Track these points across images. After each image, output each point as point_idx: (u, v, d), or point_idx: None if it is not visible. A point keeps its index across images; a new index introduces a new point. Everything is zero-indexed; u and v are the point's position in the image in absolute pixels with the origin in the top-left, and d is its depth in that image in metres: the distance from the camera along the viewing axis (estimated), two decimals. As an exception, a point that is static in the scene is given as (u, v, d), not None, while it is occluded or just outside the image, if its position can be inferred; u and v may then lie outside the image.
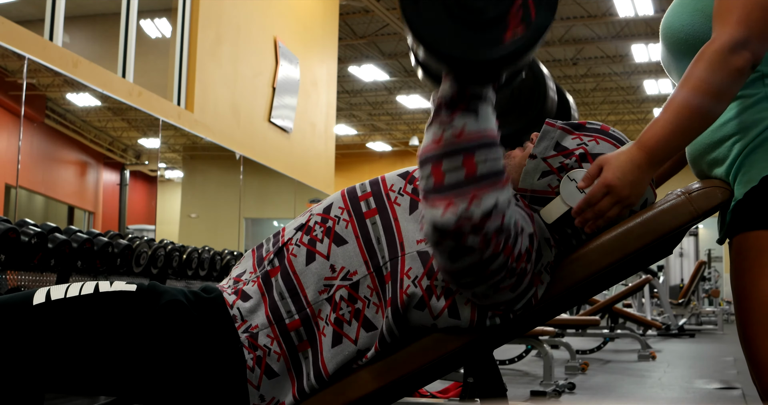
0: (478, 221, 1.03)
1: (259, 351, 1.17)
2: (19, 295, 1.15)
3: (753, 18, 1.12)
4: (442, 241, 1.06)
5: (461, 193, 1.03)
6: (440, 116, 1.06)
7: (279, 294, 1.20)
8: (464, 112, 1.05)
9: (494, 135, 1.07)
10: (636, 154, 1.13)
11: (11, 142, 5.58)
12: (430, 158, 1.06)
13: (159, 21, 8.15)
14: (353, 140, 18.86)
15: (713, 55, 1.12)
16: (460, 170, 1.04)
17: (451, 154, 1.04)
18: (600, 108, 16.58)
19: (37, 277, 3.47)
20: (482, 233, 1.04)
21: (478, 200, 1.03)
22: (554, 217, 1.22)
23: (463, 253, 1.06)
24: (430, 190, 1.06)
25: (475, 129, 1.04)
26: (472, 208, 1.03)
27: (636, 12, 10.91)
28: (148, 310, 1.15)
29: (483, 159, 1.04)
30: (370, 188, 1.26)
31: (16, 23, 4.69)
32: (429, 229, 1.06)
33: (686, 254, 11.78)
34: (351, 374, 1.20)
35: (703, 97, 1.12)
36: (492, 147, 1.06)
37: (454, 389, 3.15)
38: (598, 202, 1.13)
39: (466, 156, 1.04)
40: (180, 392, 1.16)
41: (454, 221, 1.03)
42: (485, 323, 1.17)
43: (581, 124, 1.29)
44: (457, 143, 1.04)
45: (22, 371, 1.10)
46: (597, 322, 5.35)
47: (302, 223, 1.25)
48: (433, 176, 1.05)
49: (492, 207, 1.04)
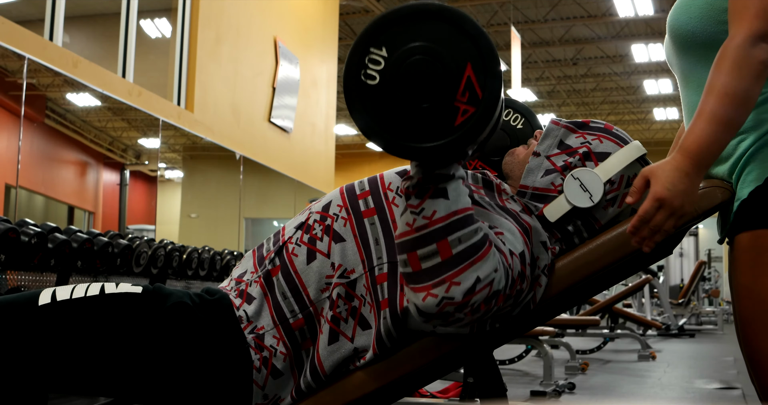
0: (461, 301, 1.03)
1: (265, 352, 1.17)
2: (25, 295, 1.15)
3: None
4: (430, 321, 1.08)
5: (439, 281, 1.03)
6: (410, 202, 1.06)
7: (281, 294, 1.20)
8: (433, 196, 1.05)
9: (467, 209, 1.06)
10: (681, 161, 1.11)
11: (11, 142, 5.58)
12: (405, 246, 1.06)
13: (159, 21, 8.15)
14: (353, 140, 18.86)
15: (735, 51, 1.12)
16: (435, 256, 1.04)
17: (424, 240, 1.04)
18: (600, 108, 16.57)
19: (37, 277, 3.46)
20: (469, 308, 1.05)
21: (457, 283, 1.03)
22: (558, 215, 1.23)
23: (454, 323, 1.08)
24: (409, 278, 1.07)
25: (444, 212, 1.04)
26: (452, 292, 1.03)
27: (636, 12, 10.91)
28: (154, 312, 1.15)
29: (457, 239, 1.04)
30: (369, 186, 1.26)
31: (16, 23, 4.69)
32: (414, 311, 1.07)
33: (686, 254, 11.78)
34: (350, 374, 1.20)
35: (735, 96, 1.11)
36: (466, 223, 1.05)
37: (454, 389, 3.15)
38: (653, 217, 1.10)
39: (440, 241, 1.03)
40: (186, 393, 1.16)
41: (435, 306, 1.04)
42: (485, 328, 1.17)
43: (585, 123, 1.30)
44: (429, 228, 1.04)
45: (27, 371, 1.10)
46: (597, 322, 5.35)
47: (302, 222, 1.25)
48: (410, 264, 1.06)
49: (473, 284, 1.03)
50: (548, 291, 1.20)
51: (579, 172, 1.23)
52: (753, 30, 1.12)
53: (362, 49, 1.01)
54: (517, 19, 11.67)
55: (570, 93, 15.75)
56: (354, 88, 1.02)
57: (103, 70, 5.50)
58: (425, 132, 1.00)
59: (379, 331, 1.17)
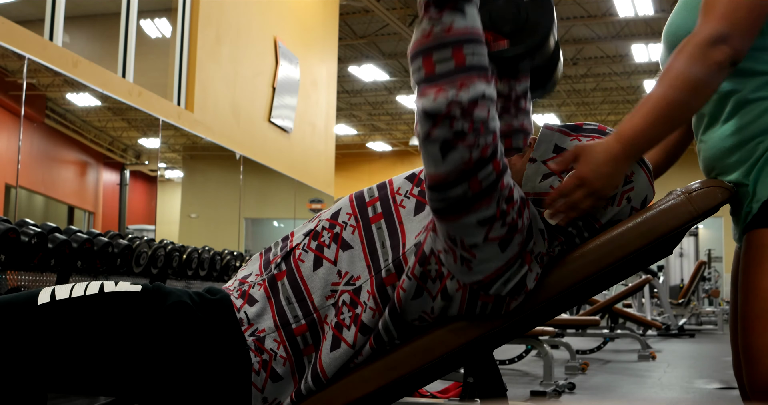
0: (467, 106, 1.05)
1: (265, 355, 1.17)
2: (24, 295, 1.15)
3: (737, 14, 1.13)
4: (433, 130, 1.07)
5: (451, 81, 1.06)
6: (429, 13, 1.08)
7: (286, 298, 1.20)
8: (452, 10, 1.08)
9: (480, 33, 1.10)
10: (613, 145, 1.13)
11: (11, 142, 5.58)
12: (421, 51, 1.09)
13: (159, 21, 8.15)
14: (353, 140, 18.86)
15: (693, 47, 1.13)
16: (449, 61, 1.07)
17: (441, 46, 1.07)
18: (600, 108, 16.57)
19: (37, 277, 3.47)
20: (471, 119, 1.06)
21: (466, 87, 1.06)
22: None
23: (453, 145, 1.06)
24: (421, 81, 1.09)
25: (462, 25, 1.07)
26: (462, 93, 1.06)
27: (636, 12, 10.91)
28: (154, 310, 1.15)
29: (471, 52, 1.07)
30: (378, 193, 1.26)
31: (16, 23, 4.68)
32: (420, 117, 1.08)
33: (686, 254, 11.78)
34: (349, 374, 1.20)
35: (682, 90, 1.13)
36: (479, 43, 1.09)
37: (454, 389, 3.15)
38: (571, 193, 1.13)
39: (456, 48, 1.07)
40: (184, 393, 1.16)
41: (444, 104, 1.05)
42: (475, 310, 1.17)
43: (578, 125, 1.30)
44: (446, 37, 1.07)
45: (27, 371, 1.10)
46: (597, 322, 5.35)
47: (311, 229, 1.26)
48: (425, 68, 1.08)
49: (480, 94, 1.06)
50: (548, 291, 1.20)
51: None
52: (715, 30, 1.12)
53: None
54: (517, 19, 11.66)
55: (570, 93, 15.75)
56: None
57: (103, 70, 5.50)
58: None
59: (378, 327, 1.18)
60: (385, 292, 1.18)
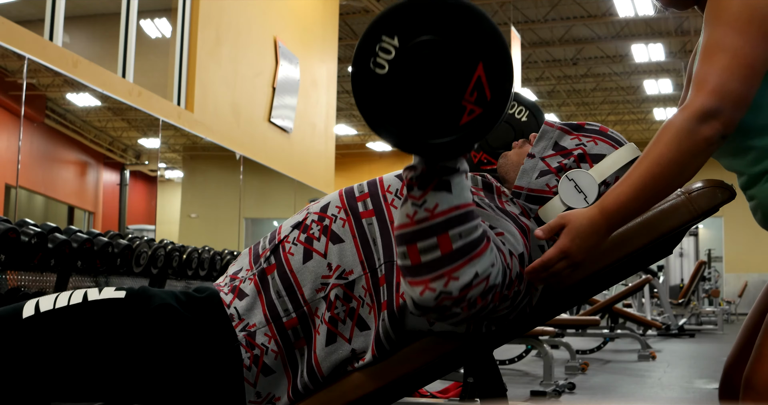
0: (458, 296, 1.02)
1: (256, 349, 1.17)
2: (8, 309, 1.14)
3: (729, 87, 1.10)
4: (426, 315, 1.07)
5: (437, 275, 1.02)
6: (412, 193, 1.04)
7: (276, 292, 1.20)
8: (436, 188, 1.02)
9: (468, 204, 1.05)
10: (597, 218, 1.11)
11: (11, 142, 5.58)
12: (405, 237, 1.04)
13: (159, 21, 8.15)
14: (353, 140, 18.85)
15: (683, 123, 1.11)
16: (435, 250, 1.02)
17: (425, 233, 1.02)
18: (600, 108, 16.57)
19: (37, 277, 3.46)
20: (465, 302, 1.04)
21: (455, 278, 1.02)
22: (553, 217, 1.23)
23: (450, 317, 1.07)
24: (407, 271, 1.05)
25: (447, 206, 1.02)
26: (450, 287, 1.02)
27: (636, 12, 10.90)
28: (138, 315, 1.15)
29: (458, 234, 1.02)
30: (368, 189, 1.26)
31: (16, 23, 4.68)
32: (411, 304, 1.06)
33: (686, 254, 11.78)
34: (349, 374, 1.20)
35: (667, 167, 1.10)
36: (466, 219, 1.04)
37: (454, 389, 3.15)
38: (555, 264, 1.11)
39: (441, 235, 1.02)
40: (177, 393, 1.16)
41: (433, 300, 1.03)
42: (481, 330, 1.17)
43: (580, 125, 1.30)
44: (430, 221, 1.02)
45: (16, 386, 1.10)
46: (597, 322, 5.35)
47: (299, 221, 1.25)
48: (410, 256, 1.04)
49: (471, 279, 1.03)
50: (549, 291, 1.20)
51: (574, 173, 1.24)
52: (705, 106, 1.10)
53: (374, 36, 0.98)
54: (517, 19, 11.67)
55: (570, 93, 15.75)
56: (362, 74, 0.98)
57: (103, 70, 5.50)
58: (429, 127, 0.98)
59: (377, 333, 1.17)
60: (380, 291, 1.18)
